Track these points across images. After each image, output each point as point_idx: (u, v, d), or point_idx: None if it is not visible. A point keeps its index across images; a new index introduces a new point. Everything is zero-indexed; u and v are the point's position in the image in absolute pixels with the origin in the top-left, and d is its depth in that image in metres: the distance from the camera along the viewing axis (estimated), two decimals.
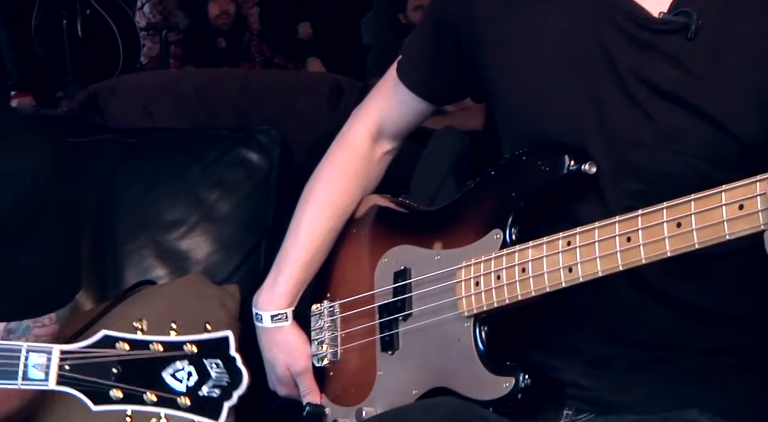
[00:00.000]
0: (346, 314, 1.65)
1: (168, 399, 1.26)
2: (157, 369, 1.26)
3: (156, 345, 1.27)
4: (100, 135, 2.35)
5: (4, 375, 1.28)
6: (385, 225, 1.67)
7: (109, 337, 1.27)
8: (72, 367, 1.27)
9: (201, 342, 1.27)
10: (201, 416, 1.27)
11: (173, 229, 2.27)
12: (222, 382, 1.27)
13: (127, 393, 1.26)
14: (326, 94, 2.45)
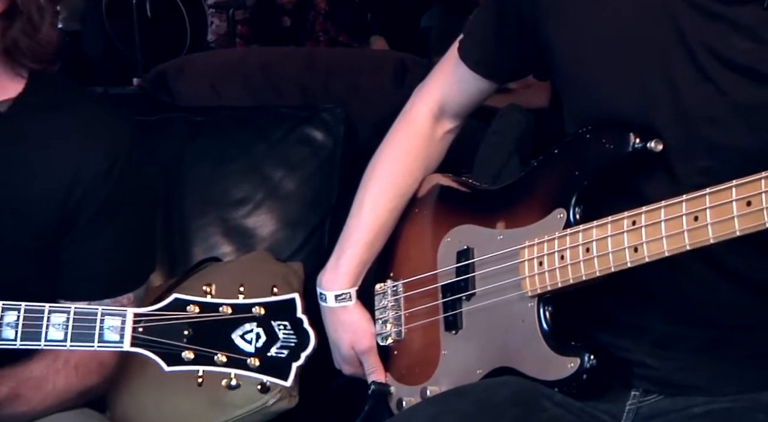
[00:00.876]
0: (410, 293, 1.64)
1: (238, 360, 1.28)
2: (227, 331, 1.29)
3: (225, 308, 1.29)
4: (168, 113, 2.38)
5: (81, 337, 1.32)
6: (447, 205, 1.65)
7: (179, 300, 1.30)
8: (145, 330, 1.30)
9: (268, 304, 1.29)
10: (270, 376, 1.29)
11: (239, 207, 2.29)
12: (290, 343, 1.29)
13: (198, 355, 1.29)
14: (390, 72, 2.43)
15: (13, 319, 1.33)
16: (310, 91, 2.43)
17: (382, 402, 1.62)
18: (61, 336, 1.33)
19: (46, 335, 1.33)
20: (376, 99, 2.37)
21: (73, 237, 1.61)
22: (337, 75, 2.47)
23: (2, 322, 1.33)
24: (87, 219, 1.60)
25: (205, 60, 2.70)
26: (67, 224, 1.60)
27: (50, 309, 1.33)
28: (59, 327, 1.33)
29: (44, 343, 1.33)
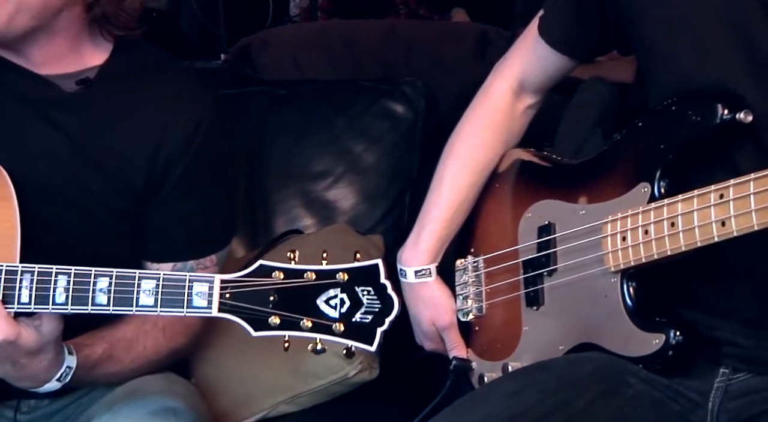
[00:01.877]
0: (490, 269, 1.63)
1: (323, 325, 1.30)
2: (312, 297, 1.30)
3: (309, 274, 1.30)
4: (251, 87, 2.38)
5: (170, 303, 1.35)
6: (528, 180, 1.63)
7: (265, 267, 1.31)
8: (232, 295, 1.32)
9: (352, 270, 1.30)
10: (355, 341, 1.30)
11: (320, 180, 2.29)
12: (374, 308, 1.30)
13: (284, 320, 1.30)
14: (472, 44, 2.39)
15: (105, 285, 1.36)
16: (392, 64, 2.41)
17: (463, 378, 1.61)
18: (151, 302, 1.35)
19: (137, 301, 1.36)
20: (457, 71, 2.34)
21: (158, 201, 1.63)
22: (419, 48, 2.44)
23: (95, 288, 1.36)
24: (172, 183, 1.63)
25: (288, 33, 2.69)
26: (153, 188, 1.63)
27: (140, 276, 1.36)
28: (149, 294, 1.35)
29: (135, 309, 1.36)
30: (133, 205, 1.63)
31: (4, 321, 1.37)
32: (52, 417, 1.66)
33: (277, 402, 1.89)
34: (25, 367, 1.43)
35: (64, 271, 1.37)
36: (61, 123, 1.59)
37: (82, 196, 1.60)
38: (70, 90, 1.60)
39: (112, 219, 1.63)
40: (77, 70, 1.61)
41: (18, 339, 1.38)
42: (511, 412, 1.35)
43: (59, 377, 1.47)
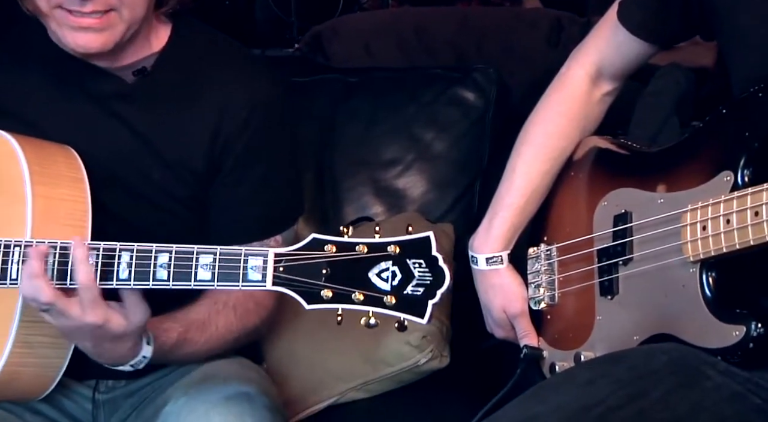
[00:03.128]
0: (564, 258, 1.60)
1: (375, 298, 1.28)
2: (364, 270, 1.29)
3: (361, 247, 1.29)
4: (322, 75, 2.37)
5: (226, 277, 1.35)
6: (604, 168, 1.60)
7: (317, 240, 1.31)
8: (285, 269, 1.31)
9: (404, 242, 1.29)
10: (407, 314, 1.28)
11: (390, 167, 2.28)
12: (425, 281, 1.28)
13: (336, 293, 1.29)
14: (546, 30, 2.35)
15: (165, 261, 1.37)
16: (463, 51, 2.38)
17: (534, 367, 1.59)
18: (208, 276, 1.36)
19: (195, 276, 1.36)
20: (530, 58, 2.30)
21: (218, 185, 1.64)
22: (491, 34, 2.41)
23: (156, 263, 1.37)
24: (230, 167, 1.63)
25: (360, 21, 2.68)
26: (213, 172, 1.64)
27: (198, 251, 1.36)
28: (207, 268, 1.36)
29: (194, 283, 1.37)
30: (194, 191, 1.64)
31: (95, 304, 1.38)
32: (129, 397, 1.68)
33: (348, 388, 1.89)
34: (105, 350, 1.45)
35: (127, 248, 1.38)
36: (123, 114, 1.62)
37: (144, 185, 1.62)
38: (130, 81, 1.62)
39: (174, 207, 1.65)
40: (137, 60, 1.62)
41: (106, 323, 1.40)
42: (582, 402, 1.32)
43: (133, 363, 1.49)
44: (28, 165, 1.49)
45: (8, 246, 1.44)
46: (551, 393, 1.37)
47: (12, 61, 1.63)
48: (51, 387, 1.54)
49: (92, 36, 1.51)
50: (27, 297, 1.40)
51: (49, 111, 1.61)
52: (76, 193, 1.52)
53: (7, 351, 1.45)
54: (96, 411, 1.67)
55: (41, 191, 1.48)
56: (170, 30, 1.66)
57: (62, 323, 1.41)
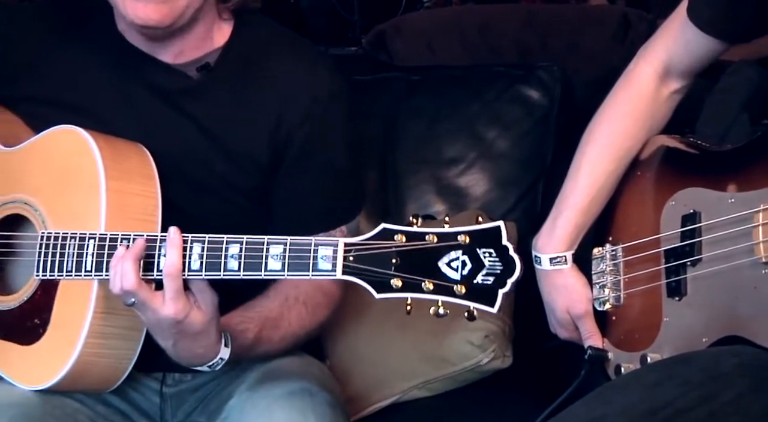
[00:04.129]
0: (630, 258, 1.58)
1: (444, 287, 1.28)
2: (433, 259, 1.28)
3: (431, 237, 1.28)
4: (385, 73, 2.37)
5: (297, 267, 1.36)
6: (672, 167, 1.58)
7: (387, 230, 1.30)
8: (355, 258, 1.31)
9: (474, 232, 1.28)
10: (477, 303, 1.27)
11: (452, 166, 2.27)
12: (495, 270, 1.27)
13: (406, 282, 1.28)
14: (613, 27, 2.31)
15: (236, 251, 1.38)
16: (528, 48, 2.36)
17: (598, 368, 1.58)
18: (278, 266, 1.36)
19: (266, 266, 1.37)
20: (596, 56, 2.27)
21: (281, 177, 1.66)
22: (556, 32, 2.38)
23: (227, 254, 1.38)
24: (293, 158, 1.64)
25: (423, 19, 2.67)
26: (276, 164, 1.65)
27: (268, 241, 1.37)
28: (277, 258, 1.36)
29: (264, 273, 1.37)
30: (258, 183, 1.65)
31: (178, 296, 1.40)
32: (195, 391, 1.70)
33: (410, 386, 1.89)
34: (185, 348, 1.47)
35: (198, 239, 1.40)
36: (188, 110, 1.63)
37: (209, 179, 1.64)
38: (194, 76, 1.64)
39: (238, 199, 1.66)
40: (201, 56, 1.64)
41: (186, 318, 1.41)
42: (649, 405, 1.30)
43: (210, 364, 1.50)
44: (103, 160, 1.52)
45: (83, 238, 1.47)
46: (617, 394, 1.35)
47: (82, 59, 1.65)
48: (122, 378, 1.56)
49: (153, 7, 1.51)
50: (114, 284, 1.41)
51: (117, 107, 1.63)
52: (147, 188, 1.55)
53: (81, 342, 1.48)
54: (164, 404, 1.69)
55: (115, 186, 1.51)
56: (232, 25, 1.67)
57: (146, 316, 1.43)
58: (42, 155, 1.58)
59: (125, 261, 1.40)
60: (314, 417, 1.49)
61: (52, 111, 1.62)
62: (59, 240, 1.49)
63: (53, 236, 1.50)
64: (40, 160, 1.58)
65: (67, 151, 1.55)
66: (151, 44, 1.62)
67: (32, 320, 1.52)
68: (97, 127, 1.58)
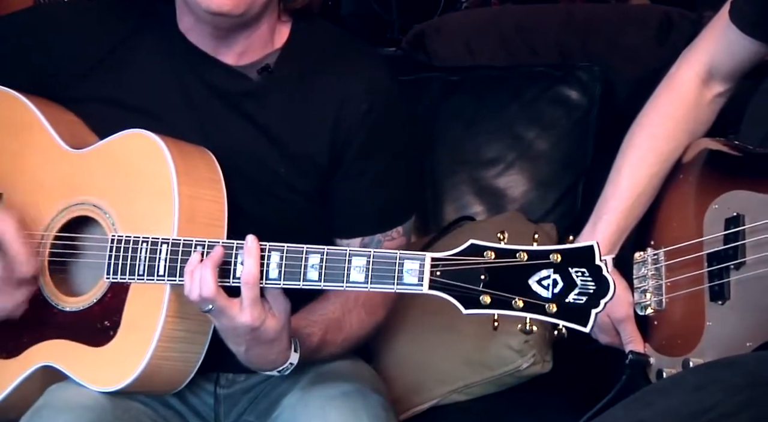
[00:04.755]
0: (672, 262, 1.56)
1: (535, 305, 1.27)
2: (524, 277, 1.28)
3: (521, 254, 1.28)
4: (424, 73, 2.37)
5: (381, 280, 1.36)
6: (716, 170, 1.56)
7: (475, 246, 1.30)
8: (442, 273, 1.31)
9: (566, 251, 1.27)
10: (569, 322, 1.27)
11: (491, 167, 2.27)
12: (588, 290, 1.26)
13: (495, 299, 1.28)
14: (654, 27, 2.29)
15: (316, 261, 1.38)
16: (568, 49, 2.34)
17: (640, 373, 1.56)
18: (362, 278, 1.36)
19: (348, 277, 1.37)
20: (637, 56, 2.24)
21: (340, 178, 1.66)
22: (596, 32, 2.35)
23: (307, 264, 1.38)
24: (351, 158, 1.64)
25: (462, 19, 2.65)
26: (335, 164, 1.65)
27: (351, 253, 1.37)
28: (360, 270, 1.36)
29: (346, 285, 1.37)
30: (318, 184, 1.66)
31: (254, 304, 1.40)
32: (248, 392, 1.70)
33: (449, 390, 1.88)
34: (257, 354, 1.48)
35: (277, 248, 1.40)
36: (249, 112, 1.64)
37: (270, 181, 1.64)
38: (255, 78, 1.64)
39: (299, 201, 1.66)
40: (261, 57, 1.65)
41: (262, 325, 1.42)
42: (691, 409, 1.29)
43: (281, 369, 1.51)
44: (175, 166, 1.52)
45: (156, 243, 1.47)
46: (658, 398, 1.34)
47: (144, 59, 1.66)
48: (186, 380, 1.57)
49: None
50: (191, 291, 1.42)
51: (178, 108, 1.64)
52: (214, 193, 1.55)
53: (153, 345, 1.49)
54: (217, 406, 1.69)
55: (186, 191, 1.52)
56: (290, 27, 1.67)
57: (222, 323, 1.43)
58: (112, 158, 1.59)
59: (204, 269, 1.40)
60: (367, 418, 1.49)
61: (114, 111, 1.63)
62: (130, 243, 1.49)
63: (124, 239, 1.50)
64: (110, 163, 1.58)
65: (137, 155, 1.56)
66: (215, 44, 1.62)
67: (102, 322, 1.53)
68: (159, 129, 1.58)
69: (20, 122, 1.65)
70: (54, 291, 1.59)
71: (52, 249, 1.60)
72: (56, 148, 1.62)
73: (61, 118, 1.66)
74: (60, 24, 1.70)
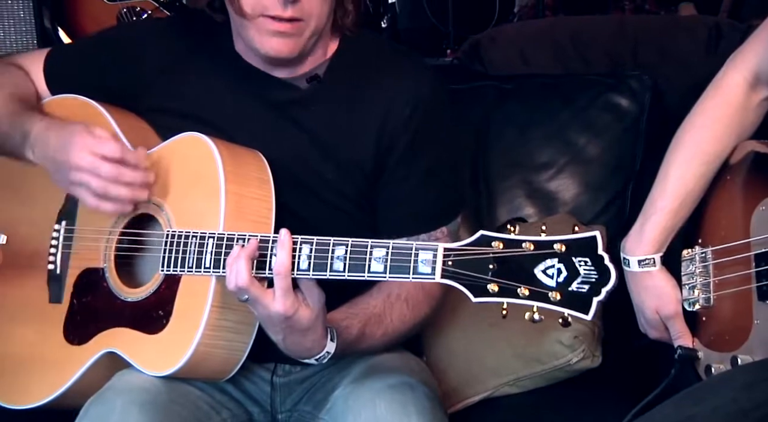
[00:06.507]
0: (719, 261, 1.55)
1: (540, 294, 1.27)
2: (529, 266, 1.28)
3: (528, 244, 1.28)
4: (479, 82, 2.37)
5: (398, 270, 1.37)
6: (762, 172, 1.54)
7: (485, 237, 1.31)
8: (454, 263, 1.32)
9: (570, 241, 1.27)
10: (571, 310, 1.27)
11: (543, 170, 2.25)
12: (591, 279, 1.26)
13: (502, 287, 1.29)
14: (704, 37, 2.27)
15: (341, 253, 1.40)
16: (619, 58, 2.32)
17: (689, 367, 1.55)
18: (381, 268, 1.38)
19: (369, 267, 1.38)
20: (687, 65, 2.22)
21: (385, 181, 1.67)
22: (647, 41, 2.34)
23: (333, 256, 1.40)
24: (395, 163, 1.66)
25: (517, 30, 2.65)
26: (379, 168, 1.67)
27: (372, 244, 1.39)
28: (380, 261, 1.38)
29: (367, 275, 1.39)
30: (363, 188, 1.67)
31: (287, 293, 1.43)
32: (303, 382, 1.72)
33: (501, 383, 1.88)
34: (294, 342, 1.49)
35: (307, 241, 1.42)
36: (300, 119, 1.67)
37: (318, 184, 1.67)
38: (304, 87, 1.67)
39: (345, 204, 1.68)
40: (309, 69, 1.67)
41: (295, 314, 1.44)
42: (740, 406, 1.27)
43: (318, 357, 1.52)
44: (224, 166, 1.56)
45: (203, 237, 1.51)
46: (708, 395, 1.33)
47: (205, 75, 1.71)
48: (235, 368, 1.59)
49: (285, 40, 1.57)
50: (229, 281, 1.45)
51: (235, 118, 1.68)
52: (262, 192, 1.58)
53: (200, 333, 1.51)
54: (273, 393, 1.72)
55: (233, 189, 1.55)
56: (339, 38, 1.70)
57: (259, 312, 1.46)
58: (169, 160, 1.63)
59: (239, 260, 1.43)
60: (414, 409, 1.50)
61: (178, 121, 1.67)
62: (182, 238, 1.54)
63: (177, 234, 1.54)
64: (168, 164, 1.63)
65: (192, 156, 1.60)
66: (268, 64, 1.67)
67: (157, 311, 1.57)
68: (217, 136, 1.63)
69: None
70: (118, 283, 1.64)
71: (118, 244, 1.65)
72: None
73: (132, 125, 1.72)
74: (135, 42, 1.75)
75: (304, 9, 1.55)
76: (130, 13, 3.13)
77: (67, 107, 1.74)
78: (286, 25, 1.56)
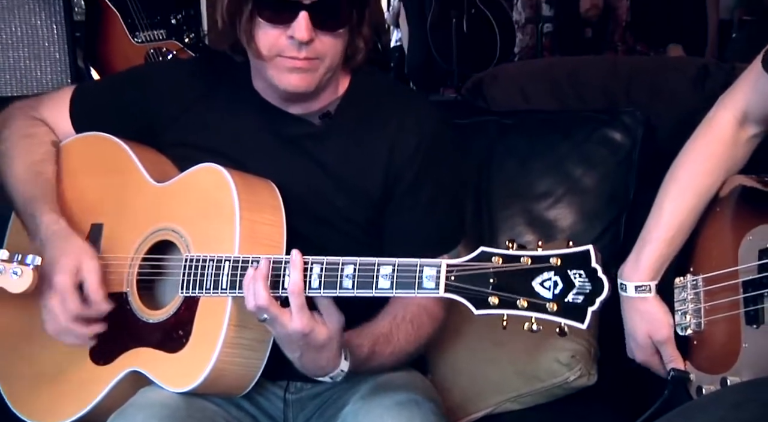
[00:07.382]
0: (710, 288, 1.54)
1: (538, 305, 1.27)
2: (528, 279, 1.27)
3: (525, 259, 1.28)
4: (481, 117, 2.37)
5: (404, 286, 1.37)
6: (749, 205, 1.54)
7: (485, 252, 1.31)
8: (456, 278, 1.32)
9: (565, 255, 1.27)
10: (568, 319, 1.26)
11: (542, 200, 2.25)
12: (585, 290, 1.25)
13: (502, 300, 1.28)
14: (692, 75, 2.27)
15: (350, 272, 1.40)
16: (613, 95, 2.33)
17: (681, 388, 1.53)
18: (387, 285, 1.38)
19: (376, 284, 1.38)
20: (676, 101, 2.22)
21: (391, 211, 1.68)
22: (639, 80, 2.35)
23: (342, 274, 1.40)
24: (401, 193, 1.66)
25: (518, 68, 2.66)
26: (386, 198, 1.67)
27: (379, 262, 1.39)
28: (386, 278, 1.38)
29: (375, 291, 1.39)
30: (371, 216, 1.68)
31: (302, 312, 1.42)
32: (314, 398, 1.71)
33: (503, 399, 1.87)
34: (310, 360, 1.48)
35: (318, 261, 1.42)
36: (313, 152, 1.68)
37: (329, 212, 1.67)
38: (317, 123, 1.68)
39: (353, 230, 1.68)
40: (322, 106, 1.68)
41: (311, 332, 1.43)
42: None
43: (332, 375, 1.51)
44: (238, 194, 1.56)
45: (220, 260, 1.51)
46: (698, 413, 1.31)
47: (225, 110, 1.72)
48: (251, 385, 1.59)
49: (301, 76, 1.58)
50: (248, 302, 1.44)
51: (253, 151, 1.69)
52: (275, 218, 1.58)
53: (218, 350, 1.51)
54: (286, 409, 1.71)
55: (247, 215, 1.55)
56: (350, 77, 1.70)
57: (277, 330, 1.45)
58: (187, 189, 1.64)
59: (256, 282, 1.43)
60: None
61: (198, 154, 1.67)
62: (200, 262, 1.53)
63: (195, 258, 1.54)
64: (186, 193, 1.64)
65: (208, 185, 1.61)
66: (284, 101, 1.67)
67: (177, 332, 1.57)
68: (234, 167, 1.63)
69: (119, 163, 1.72)
70: (140, 305, 1.63)
71: (140, 269, 1.65)
72: (145, 183, 1.68)
73: (152, 158, 1.73)
74: (159, 80, 1.76)
75: (318, 49, 1.56)
76: (156, 53, 3.15)
77: (90, 144, 1.75)
78: (302, 62, 1.57)
